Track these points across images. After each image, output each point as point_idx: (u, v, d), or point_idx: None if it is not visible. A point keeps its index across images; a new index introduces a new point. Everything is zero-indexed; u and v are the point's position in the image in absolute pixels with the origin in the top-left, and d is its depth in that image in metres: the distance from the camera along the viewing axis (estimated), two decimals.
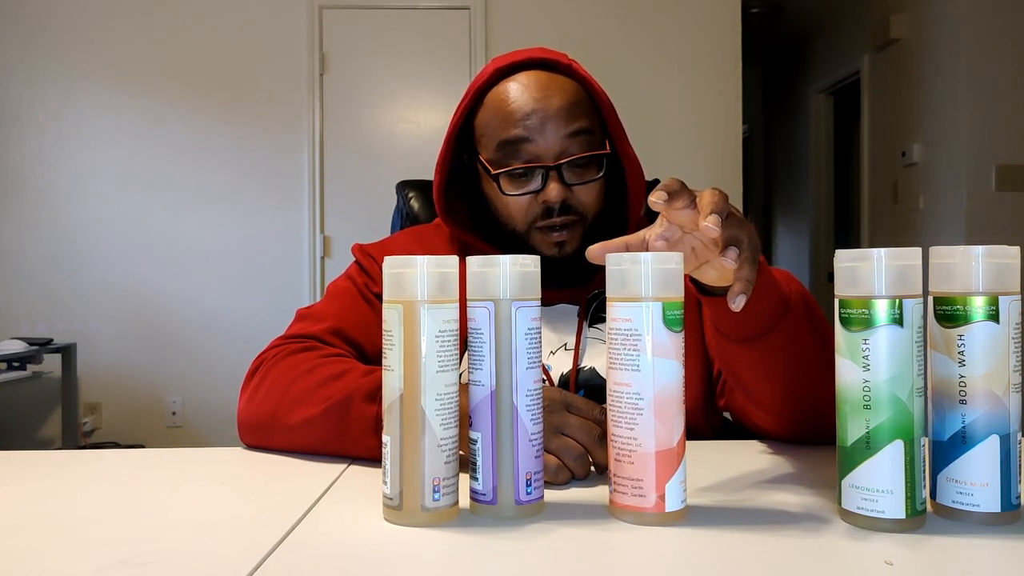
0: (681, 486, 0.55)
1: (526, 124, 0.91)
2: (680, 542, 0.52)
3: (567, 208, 0.92)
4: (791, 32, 5.30)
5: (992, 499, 0.54)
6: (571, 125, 0.91)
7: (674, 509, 0.55)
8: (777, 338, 0.72)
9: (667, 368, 0.55)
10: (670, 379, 0.55)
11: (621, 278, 0.56)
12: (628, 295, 0.55)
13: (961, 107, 3.45)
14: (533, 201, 0.92)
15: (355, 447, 0.75)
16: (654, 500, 0.54)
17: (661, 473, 0.54)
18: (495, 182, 0.93)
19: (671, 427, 0.55)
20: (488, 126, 0.94)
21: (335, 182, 3.49)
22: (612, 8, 3.53)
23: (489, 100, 0.95)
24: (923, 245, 1.16)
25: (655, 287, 0.55)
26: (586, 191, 0.93)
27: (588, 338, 0.95)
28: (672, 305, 0.55)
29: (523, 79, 0.94)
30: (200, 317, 3.46)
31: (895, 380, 0.52)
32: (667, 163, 3.26)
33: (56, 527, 0.57)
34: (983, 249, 0.54)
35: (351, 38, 3.49)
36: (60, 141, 3.44)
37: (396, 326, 0.55)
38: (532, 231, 0.94)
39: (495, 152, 0.93)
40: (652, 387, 0.54)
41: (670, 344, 0.55)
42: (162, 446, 1.04)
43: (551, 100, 0.91)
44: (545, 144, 0.91)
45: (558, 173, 0.91)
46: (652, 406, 0.54)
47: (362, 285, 0.98)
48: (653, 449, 0.54)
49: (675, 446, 0.55)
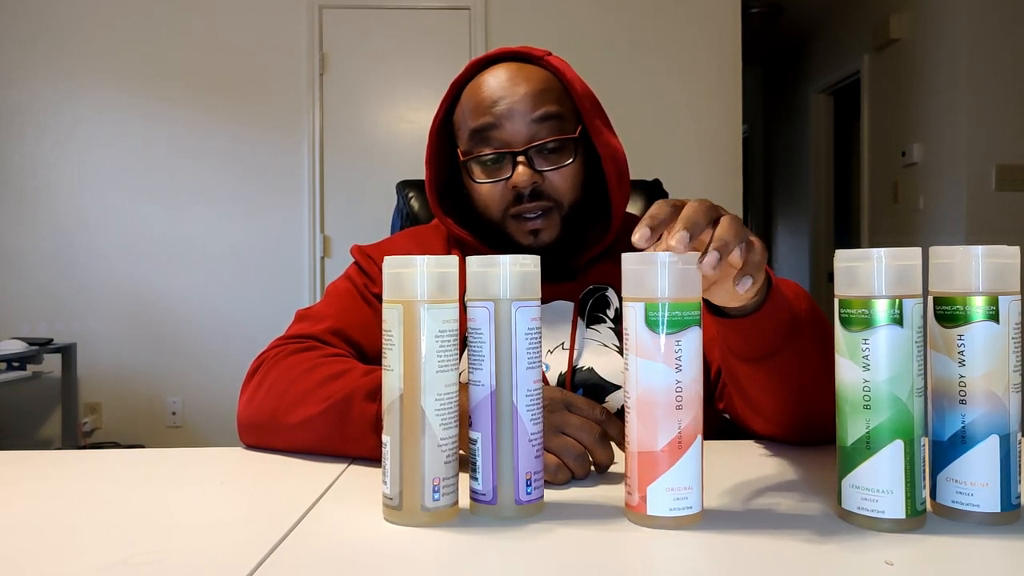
0: (669, 493, 0.53)
1: (493, 111, 0.92)
2: (678, 542, 0.52)
3: (538, 194, 0.92)
4: (791, 32, 5.30)
5: (992, 499, 0.54)
6: (538, 110, 0.91)
7: (657, 514, 0.53)
8: (786, 358, 0.71)
9: (650, 370, 0.53)
10: (653, 382, 0.53)
11: (637, 278, 0.55)
12: (631, 295, 0.55)
13: (961, 107, 3.45)
14: (505, 188, 0.93)
15: (355, 446, 0.75)
16: (637, 500, 0.54)
17: (643, 475, 0.54)
18: (467, 170, 0.94)
19: (653, 431, 0.53)
20: (462, 118, 0.96)
21: (335, 182, 3.49)
22: (612, 8, 3.53)
23: (464, 94, 0.97)
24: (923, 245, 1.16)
25: (632, 287, 0.54)
26: (559, 177, 0.93)
27: (585, 338, 0.95)
28: (668, 306, 0.53)
29: (495, 70, 0.95)
30: (200, 317, 3.46)
31: (895, 380, 0.52)
32: (667, 163, 3.26)
33: (56, 527, 0.57)
34: (983, 249, 0.54)
35: (351, 38, 3.49)
36: (60, 141, 3.44)
37: (396, 326, 0.55)
38: (507, 219, 0.94)
39: (468, 142, 0.94)
40: (635, 388, 0.54)
41: (653, 346, 0.53)
42: (162, 446, 1.04)
43: (518, 87, 0.92)
44: (513, 129, 0.91)
45: (527, 158, 0.91)
46: (635, 407, 0.54)
47: (361, 286, 0.98)
48: (635, 449, 0.54)
49: (658, 450, 0.53)
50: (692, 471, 0.54)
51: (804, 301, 0.74)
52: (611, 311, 0.96)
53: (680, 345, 0.53)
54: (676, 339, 0.53)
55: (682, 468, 0.54)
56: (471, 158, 0.94)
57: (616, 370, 0.92)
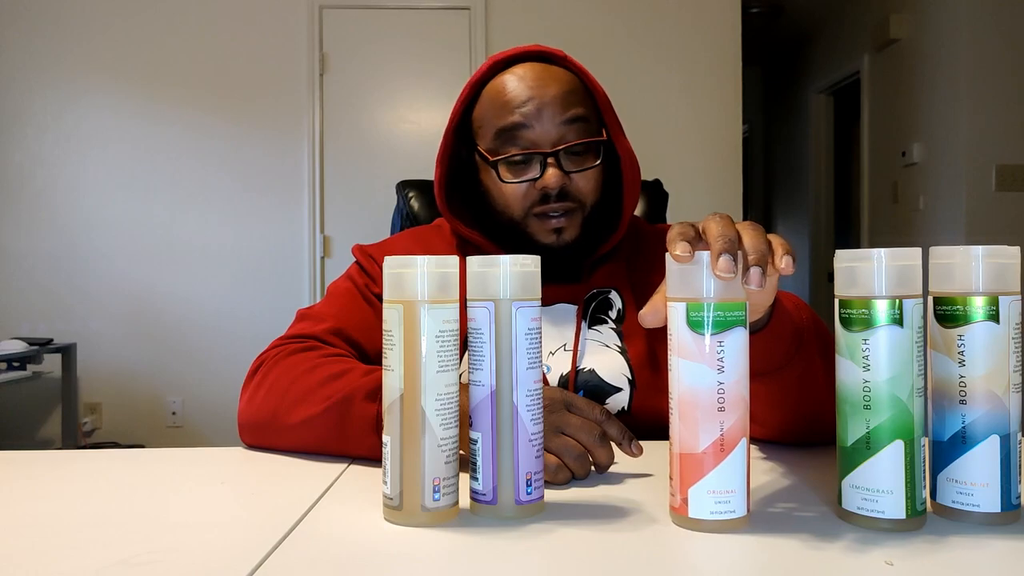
0: (710, 496, 0.52)
1: (523, 111, 0.91)
2: (677, 542, 0.52)
3: (564, 195, 0.92)
4: (791, 32, 5.30)
5: (992, 499, 0.54)
6: (567, 112, 0.92)
7: (699, 516, 0.53)
8: (790, 372, 0.70)
9: (692, 371, 0.53)
10: (695, 383, 0.53)
11: (679, 278, 0.54)
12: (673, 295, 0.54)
13: (961, 107, 3.45)
14: (531, 188, 0.93)
15: (355, 446, 0.75)
16: (679, 502, 0.54)
17: (684, 477, 0.53)
18: (493, 170, 0.94)
19: (695, 432, 0.53)
20: (486, 117, 0.95)
21: (335, 182, 3.49)
22: (612, 8, 3.53)
23: (486, 92, 0.96)
24: (923, 245, 1.16)
25: (676, 287, 0.54)
26: (584, 179, 0.93)
27: (587, 339, 0.95)
28: (696, 307, 0.52)
29: (519, 70, 0.95)
30: (200, 317, 3.46)
31: (895, 380, 0.52)
32: (667, 163, 3.26)
33: (56, 527, 0.57)
34: (983, 249, 0.54)
35: (351, 38, 3.49)
36: (60, 141, 3.44)
37: (396, 326, 0.55)
38: (529, 218, 0.94)
39: (493, 141, 0.94)
40: (677, 389, 0.54)
41: (695, 346, 0.53)
42: (162, 446, 1.04)
43: (547, 88, 0.92)
44: (542, 130, 0.91)
45: (556, 160, 0.91)
46: (677, 408, 0.54)
47: (362, 286, 0.98)
48: (677, 451, 0.54)
49: (699, 452, 0.53)
50: (736, 474, 0.53)
51: (805, 312, 0.74)
52: (613, 312, 0.97)
53: (723, 346, 0.52)
54: (719, 340, 0.52)
55: (725, 471, 0.53)
56: (500, 158, 0.93)
57: (617, 371, 0.92)
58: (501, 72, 0.96)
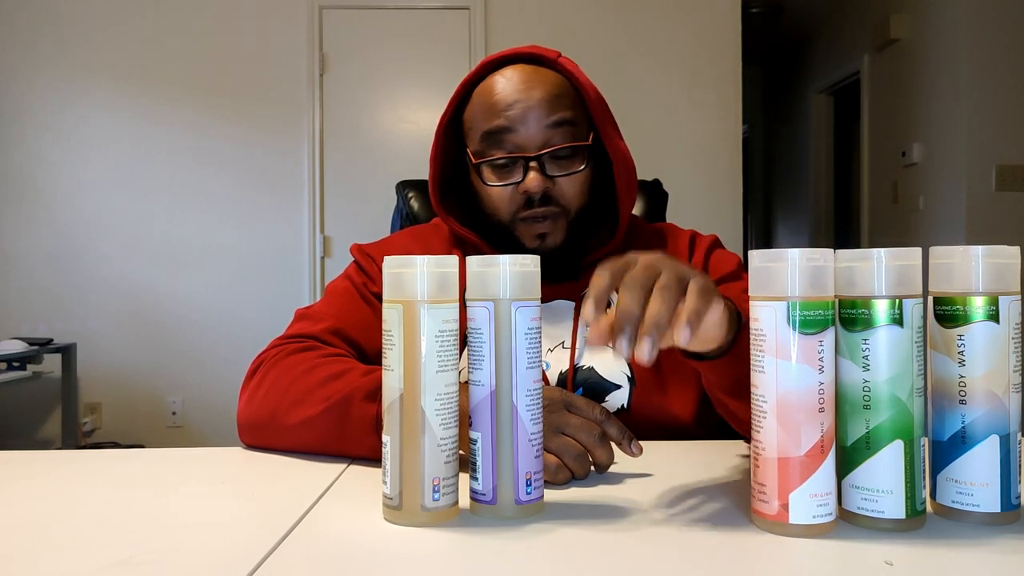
0: (812, 500, 0.51)
1: (508, 114, 0.92)
2: (676, 542, 0.52)
3: (548, 199, 0.92)
4: (791, 32, 5.30)
5: (992, 499, 0.54)
6: (553, 115, 0.91)
7: (800, 522, 0.51)
8: None
9: (791, 372, 0.52)
10: (795, 384, 0.52)
11: (767, 276, 0.53)
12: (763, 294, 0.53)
13: (961, 107, 3.45)
14: (515, 192, 0.93)
15: (355, 446, 0.75)
16: (776, 508, 0.52)
17: (784, 481, 0.52)
18: (478, 172, 0.94)
19: (796, 435, 0.51)
20: (474, 119, 0.95)
21: (335, 182, 3.49)
22: (612, 8, 3.53)
23: (476, 94, 0.96)
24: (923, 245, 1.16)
25: (762, 285, 0.53)
26: (569, 183, 0.93)
27: (585, 336, 0.95)
28: (808, 305, 0.51)
29: (508, 72, 0.95)
30: (200, 317, 3.46)
31: (895, 380, 0.52)
32: (667, 163, 3.26)
33: (56, 527, 0.57)
34: (983, 249, 0.54)
35: (351, 38, 3.49)
36: (60, 141, 3.44)
37: (396, 326, 0.55)
38: (516, 222, 0.94)
39: (480, 143, 0.94)
40: (774, 390, 0.52)
41: (796, 346, 0.51)
42: (162, 446, 1.04)
43: (533, 91, 0.92)
44: (527, 134, 0.91)
45: (539, 164, 0.91)
46: (775, 410, 0.52)
47: (361, 285, 0.98)
48: (775, 455, 0.52)
49: (802, 455, 0.51)
50: (833, 476, 0.53)
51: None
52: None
53: (823, 345, 0.52)
54: (819, 339, 0.52)
55: (824, 473, 0.52)
56: (483, 160, 0.93)
57: (616, 368, 0.92)
58: (491, 73, 0.96)
